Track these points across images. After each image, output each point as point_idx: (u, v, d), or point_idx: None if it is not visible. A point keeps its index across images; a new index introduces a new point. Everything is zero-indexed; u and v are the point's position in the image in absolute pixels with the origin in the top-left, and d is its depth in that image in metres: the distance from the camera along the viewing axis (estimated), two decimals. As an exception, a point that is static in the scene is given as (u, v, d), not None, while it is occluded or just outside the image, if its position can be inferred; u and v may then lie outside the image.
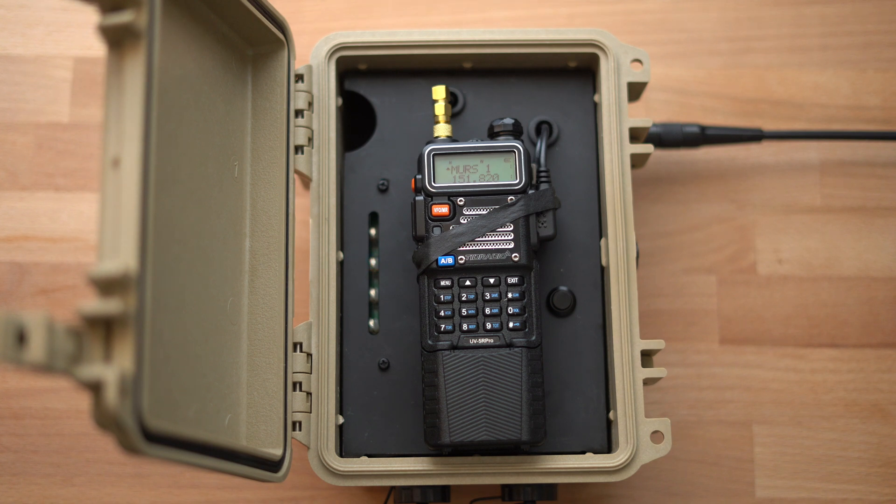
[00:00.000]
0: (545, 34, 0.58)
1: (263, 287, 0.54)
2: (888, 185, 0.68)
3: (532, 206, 0.53)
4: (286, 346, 0.54)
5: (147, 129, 0.40)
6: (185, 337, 0.48)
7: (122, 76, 0.41)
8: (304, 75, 0.58)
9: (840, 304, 0.66)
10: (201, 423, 0.48)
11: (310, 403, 0.54)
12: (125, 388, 0.37)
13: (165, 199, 0.45)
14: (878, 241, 0.67)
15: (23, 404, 0.63)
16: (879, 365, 0.65)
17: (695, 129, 0.65)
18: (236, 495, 0.62)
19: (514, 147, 0.54)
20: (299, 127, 0.57)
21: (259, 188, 0.55)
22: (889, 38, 0.70)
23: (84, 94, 0.68)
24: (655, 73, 0.69)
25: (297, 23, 0.65)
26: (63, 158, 0.67)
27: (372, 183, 0.59)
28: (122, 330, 0.38)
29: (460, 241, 0.53)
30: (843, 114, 0.69)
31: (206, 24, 0.52)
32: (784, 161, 0.68)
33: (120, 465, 0.63)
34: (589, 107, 0.60)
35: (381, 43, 0.58)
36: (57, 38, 0.69)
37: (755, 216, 0.67)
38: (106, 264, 0.38)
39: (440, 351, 0.52)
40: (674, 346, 0.65)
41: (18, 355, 0.34)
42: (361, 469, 0.54)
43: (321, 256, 0.56)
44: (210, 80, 0.52)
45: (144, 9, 0.41)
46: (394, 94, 0.60)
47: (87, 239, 0.66)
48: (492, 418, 0.52)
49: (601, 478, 0.54)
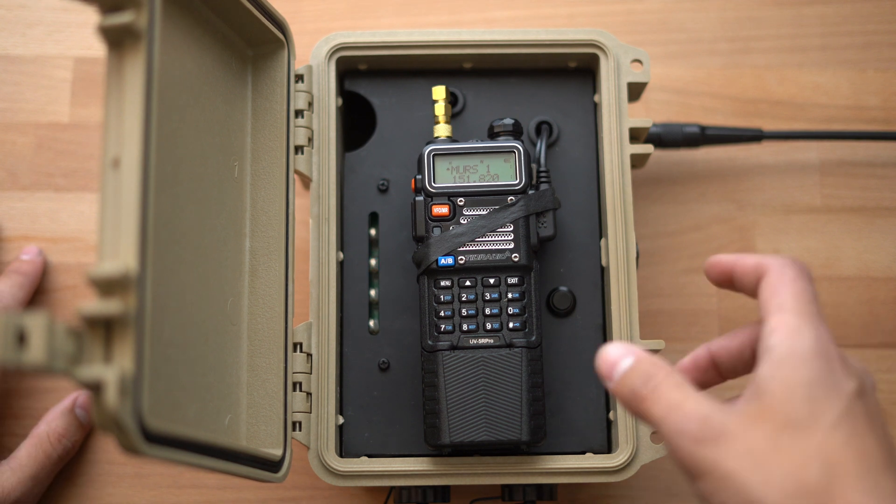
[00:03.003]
0: (545, 34, 0.58)
1: (263, 287, 0.54)
2: (888, 185, 0.68)
3: (532, 207, 0.53)
4: (286, 346, 0.54)
5: (147, 129, 0.40)
6: (185, 337, 0.48)
7: (122, 76, 0.41)
8: (304, 75, 0.58)
9: (840, 304, 0.66)
10: (201, 423, 0.48)
11: (310, 403, 0.54)
12: (125, 389, 0.37)
13: (165, 199, 0.45)
14: (878, 241, 0.67)
15: (23, 404, 0.63)
16: (879, 365, 0.65)
17: (695, 129, 0.65)
18: (236, 495, 0.62)
19: (514, 147, 0.54)
20: (299, 127, 0.57)
21: (259, 188, 0.55)
22: (889, 38, 0.70)
23: (84, 94, 0.68)
24: (655, 73, 0.69)
25: (297, 23, 0.65)
26: (63, 158, 0.67)
27: (372, 183, 0.59)
28: (123, 330, 0.38)
29: (460, 242, 0.53)
30: (843, 114, 0.69)
31: (206, 24, 0.52)
32: (784, 161, 0.68)
33: (120, 465, 0.63)
34: (589, 107, 0.60)
35: (381, 43, 0.58)
36: (57, 38, 0.69)
37: (755, 216, 0.67)
38: (106, 265, 0.38)
39: (440, 351, 0.52)
40: (674, 346, 0.65)
41: (18, 356, 0.34)
42: (361, 469, 0.54)
43: (321, 256, 0.56)
44: (210, 80, 0.52)
45: (144, 9, 0.41)
46: (394, 94, 0.60)
47: (87, 239, 0.66)
48: (492, 418, 0.52)
49: (601, 478, 0.54)
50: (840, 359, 0.43)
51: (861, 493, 0.38)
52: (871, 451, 0.40)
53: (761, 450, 0.40)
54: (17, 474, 0.57)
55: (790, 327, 0.43)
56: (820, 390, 0.41)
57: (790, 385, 0.41)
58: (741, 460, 0.40)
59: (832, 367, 0.42)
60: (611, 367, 0.43)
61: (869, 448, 0.40)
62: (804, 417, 0.40)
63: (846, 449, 0.40)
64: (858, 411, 0.41)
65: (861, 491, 0.38)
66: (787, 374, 0.42)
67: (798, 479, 0.39)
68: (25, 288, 0.62)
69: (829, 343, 0.43)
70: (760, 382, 0.42)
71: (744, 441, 0.40)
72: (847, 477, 0.39)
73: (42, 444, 0.58)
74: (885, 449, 0.41)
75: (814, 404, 0.41)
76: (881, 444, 0.41)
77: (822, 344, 0.43)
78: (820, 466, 0.39)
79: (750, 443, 0.40)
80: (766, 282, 0.45)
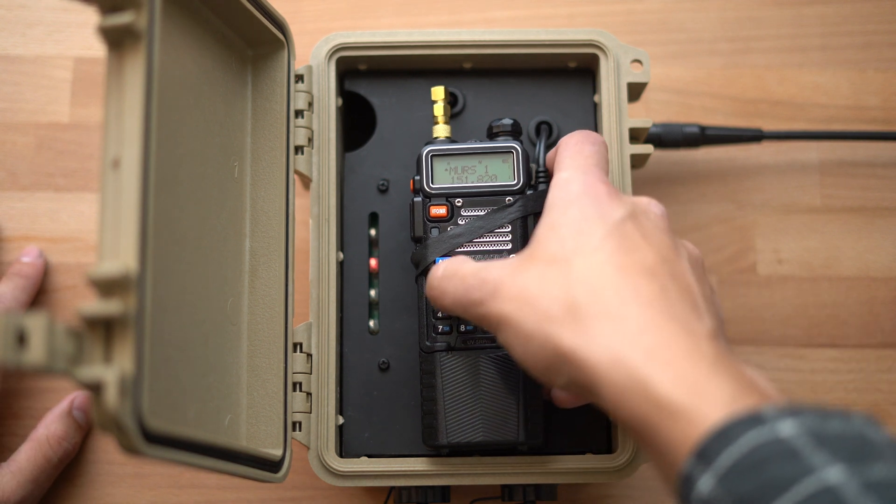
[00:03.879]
0: (545, 34, 0.58)
1: (263, 287, 0.54)
2: (888, 185, 0.68)
3: (530, 207, 0.53)
4: (286, 346, 0.54)
5: (147, 130, 0.41)
6: (185, 337, 0.48)
7: (122, 76, 0.41)
8: (304, 76, 0.58)
9: (840, 305, 0.66)
10: (201, 423, 0.48)
11: (310, 404, 0.54)
12: (125, 389, 0.37)
13: (165, 200, 0.45)
14: (878, 241, 0.67)
15: (23, 404, 0.63)
16: (879, 365, 0.65)
17: (695, 129, 0.65)
18: (236, 495, 0.62)
19: (513, 148, 0.54)
20: (299, 127, 0.57)
21: (259, 188, 0.55)
22: (889, 38, 0.70)
23: (84, 94, 0.68)
24: (655, 73, 0.69)
25: (297, 23, 0.65)
26: (63, 158, 0.67)
27: (372, 183, 0.59)
28: (123, 331, 0.38)
29: (458, 242, 0.53)
30: (843, 114, 0.69)
31: (206, 24, 0.52)
32: (784, 161, 0.68)
33: (120, 465, 0.63)
34: (589, 107, 0.60)
35: (381, 43, 0.58)
36: (57, 38, 0.69)
37: (755, 216, 0.67)
38: (106, 265, 0.38)
39: (438, 352, 0.52)
40: (674, 346, 0.64)
41: (19, 356, 0.34)
42: (361, 469, 0.54)
43: (321, 257, 0.56)
44: (210, 81, 0.52)
45: (144, 9, 0.41)
46: (394, 94, 0.60)
47: (87, 239, 0.66)
48: (489, 419, 0.52)
49: (601, 478, 0.54)
50: (610, 194, 0.45)
51: (620, 300, 0.40)
52: (635, 262, 0.42)
53: (530, 287, 0.43)
54: (17, 478, 0.57)
55: (562, 181, 0.47)
56: (585, 224, 0.44)
57: (555, 226, 0.44)
58: (515, 302, 0.43)
59: (599, 202, 0.44)
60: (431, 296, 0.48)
61: (635, 259, 0.42)
62: (569, 250, 0.43)
63: (607, 265, 0.42)
64: (627, 230, 0.43)
65: (620, 298, 0.40)
66: (553, 218, 0.45)
67: (563, 301, 0.41)
68: (27, 291, 0.62)
69: (598, 184, 0.46)
70: (534, 234, 0.46)
71: (514, 285, 0.43)
72: (607, 288, 0.41)
73: (42, 447, 0.58)
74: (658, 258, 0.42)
75: (578, 237, 0.43)
76: (650, 254, 0.42)
77: (590, 186, 0.45)
78: (582, 286, 0.41)
79: (520, 285, 0.43)
80: (557, 153, 0.50)
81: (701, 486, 0.34)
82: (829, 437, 0.33)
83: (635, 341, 0.39)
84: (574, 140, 0.49)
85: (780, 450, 0.33)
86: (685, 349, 0.38)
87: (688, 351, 0.38)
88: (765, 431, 0.33)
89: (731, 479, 0.33)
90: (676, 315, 0.40)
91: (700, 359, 0.38)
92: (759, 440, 0.33)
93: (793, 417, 0.34)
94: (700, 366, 0.37)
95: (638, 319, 0.39)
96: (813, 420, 0.34)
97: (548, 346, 0.41)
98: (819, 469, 0.32)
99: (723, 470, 0.33)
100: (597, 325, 0.40)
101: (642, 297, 0.40)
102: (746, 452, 0.33)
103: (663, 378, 0.37)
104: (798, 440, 0.33)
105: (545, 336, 0.41)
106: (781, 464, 0.32)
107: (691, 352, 0.38)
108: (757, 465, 0.33)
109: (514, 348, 0.43)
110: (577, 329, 0.40)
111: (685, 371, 0.37)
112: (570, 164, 0.48)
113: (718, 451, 0.34)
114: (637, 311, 0.40)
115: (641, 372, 0.38)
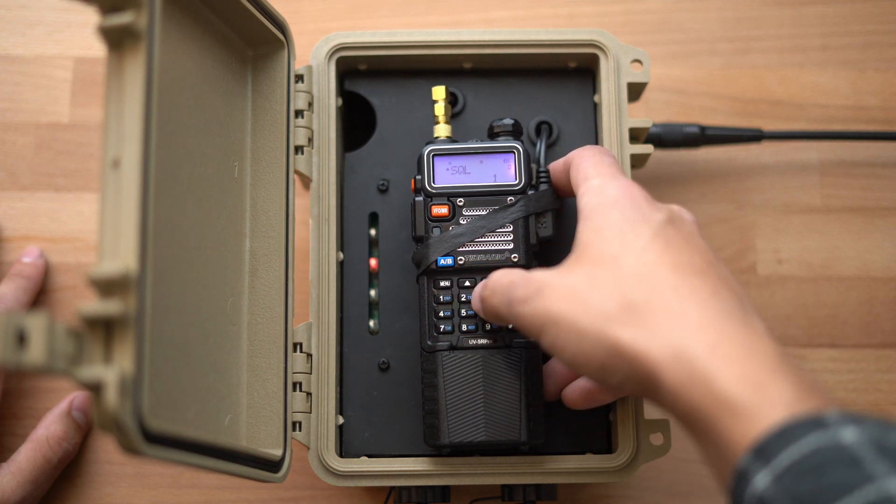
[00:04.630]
0: (545, 34, 0.58)
1: (263, 287, 0.54)
2: (888, 185, 0.68)
3: (531, 207, 0.53)
4: (286, 346, 0.54)
5: (147, 130, 0.40)
6: (185, 337, 0.48)
7: (122, 77, 0.41)
8: (304, 76, 0.58)
9: (840, 305, 0.66)
10: (201, 423, 0.48)
11: (310, 404, 0.54)
12: (125, 389, 0.37)
13: (165, 200, 0.45)
14: (878, 241, 0.67)
15: (23, 404, 0.63)
16: (879, 365, 0.65)
17: (695, 129, 0.65)
18: (236, 495, 0.62)
19: (514, 147, 0.54)
20: (299, 127, 0.57)
21: (259, 188, 0.55)
22: (889, 38, 0.70)
23: (84, 94, 0.68)
24: (655, 73, 0.69)
25: (297, 23, 0.65)
26: (63, 158, 0.67)
27: (372, 183, 0.59)
28: (122, 331, 0.38)
29: (460, 242, 0.53)
30: (843, 114, 0.69)
31: (206, 24, 0.52)
32: (784, 161, 0.68)
33: (120, 465, 0.63)
34: (589, 107, 0.60)
35: (381, 43, 0.58)
36: (57, 38, 0.69)
37: (755, 216, 0.67)
38: (106, 265, 0.38)
39: (439, 351, 0.52)
40: (674, 346, 0.65)
41: (19, 356, 0.34)
42: (361, 469, 0.54)
43: (321, 257, 0.56)
44: (210, 81, 0.52)
45: (144, 9, 0.41)
46: (394, 94, 0.60)
47: (87, 239, 0.66)
48: (491, 419, 0.52)
49: (601, 478, 0.54)
50: (647, 199, 0.46)
51: (678, 298, 0.41)
52: (686, 262, 0.42)
53: (580, 286, 0.43)
54: (17, 478, 0.57)
55: (594, 187, 0.47)
56: (628, 225, 0.44)
57: (599, 229, 0.45)
58: (565, 301, 0.43)
59: (639, 206, 0.45)
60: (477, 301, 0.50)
61: (684, 260, 0.42)
62: (616, 250, 0.43)
63: (659, 265, 0.42)
64: (670, 233, 0.44)
65: (679, 296, 0.41)
66: (595, 222, 0.45)
67: (617, 299, 0.41)
68: (29, 291, 0.62)
69: (633, 189, 0.46)
70: (576, 239, 0.46)
71: (563, 285, 0.43)
72: (664, 286, 0.41)
73: (41, 447, 0.58)
74: (704, 260, 0.43)
75: (624, 237, 0.44)
76: (696, 256, 0.43)
77: (627, 191, 0.46)
78: (636, 283, 0.42)
79: (569, 285, 0.43)
80: (572, 166, 0.50)
81: (757, 483, 0.34)
82: (890, 448, 0.33)
83: (697, 336, 0.39)
84: (590, 152, 0.50)
85: (842, 455, 0.33)
86: (747, 346, 0.38)
87: (750, 348, 0.38)
88: (827, 436, 0.34)
89: (789, 479, 0.33)
90: (732, 314, 0.40)
91: (762, 357, 0.38)
92: (821, 444, 0.33)
93: (855, 425, 0.34)
94: (763, 364, 0.37)
95: (698, 316, 0.40)
96: (874, 429, 0.34)
97: (605, 343, 0.41)
98: (880, 478, 0.32)
99: (781, 469, 0.33)
100: (657, 321, 0.40)
101: (699, 295, 0.41)
102: (807, 454, 0.33)
103: (727, 374, 0.37)
104: (860, 448, 0.33)
105: (601, 333, 0.41)
106: (842, 469, 0.32)
107: (753, 349, 0.38)
108: (817, 467, 0.33)
109: (564, 348, 0.43)
110: (636, 325, 0.40)
111: (748, 368, 0.37)
112: (595, 171, 0.48)
113: (778, 449, 0.34)
114: (696, 308, 0.40)
115: (705, 367, 0.38)
